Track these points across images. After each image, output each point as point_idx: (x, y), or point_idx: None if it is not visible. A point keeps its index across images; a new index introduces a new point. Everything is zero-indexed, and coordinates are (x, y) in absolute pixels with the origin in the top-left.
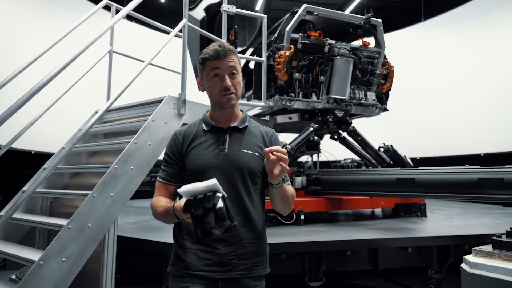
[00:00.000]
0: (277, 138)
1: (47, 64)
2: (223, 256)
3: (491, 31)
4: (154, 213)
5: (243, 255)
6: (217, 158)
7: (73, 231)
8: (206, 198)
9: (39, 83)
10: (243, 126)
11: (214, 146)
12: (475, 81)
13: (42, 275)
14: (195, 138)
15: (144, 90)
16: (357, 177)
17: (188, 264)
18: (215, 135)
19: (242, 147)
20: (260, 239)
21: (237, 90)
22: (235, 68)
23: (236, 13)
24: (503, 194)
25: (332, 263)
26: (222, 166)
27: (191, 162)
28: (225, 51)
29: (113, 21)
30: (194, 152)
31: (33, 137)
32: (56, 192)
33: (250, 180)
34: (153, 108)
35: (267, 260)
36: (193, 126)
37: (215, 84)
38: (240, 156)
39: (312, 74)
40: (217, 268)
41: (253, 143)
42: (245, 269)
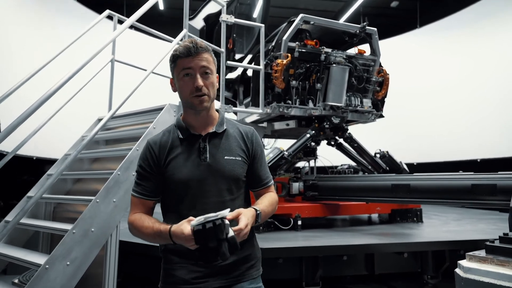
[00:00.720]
0: (257, 138)
1: (49, 72)
2: (213, 266)
3: (486, 37)
4: (136, 232)
5: (234, 263)
6: (199, 169)
7: (77, 235)
8: (217, 227)
9: (47, 93)
10: (221, 130)
11: (194, 156)
12: (471, 87)
13: (48, 278)
14: (172, 148)
15: (146, 98)
16: (353, 183)
17: (178, 279)
18: (193, 143)
19: (224, 153)
20: (250, 243)
21: (210, 91)
22: (208, 68)
23: (234, 23)
24: (496, 200)
25: (329, 268)
26: (206, 177)
27: (172, 176)
28: (196, 48)
29: (116, 33)
30: (174, 164)
31: (34, 144)
32: (61, 197)
33: (235, 187)
34: (154, 115)
35: (259, 261)
36: (167, 134)
37: (185, 84)
38: (223, 164)
39: (308, 81)
40: (208, 279)
41: (234, 147)
42: (239, 275)
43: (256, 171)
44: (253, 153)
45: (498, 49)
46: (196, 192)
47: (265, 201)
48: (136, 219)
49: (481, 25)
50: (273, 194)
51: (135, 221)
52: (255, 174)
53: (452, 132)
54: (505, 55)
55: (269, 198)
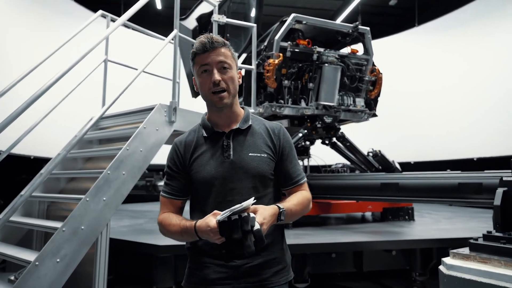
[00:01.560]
0: (285, 134)
1: (44, 71)
2: (238, 268)
3: (484, 36)
4: (165, 231)
5: (259, 265)
6: (223, 167)
7: (67, 233)
8: (243, 219)
9: (38, 92)
10: (245, 127)
11: (218, 154)
12: (469, 85)
13: (38, 274)
14: (197, 147)
15: (142, 97)
16: (343, 182)
17: (202, 279)
18: (218, 141)
19: (248, 150)
20: (277, 247)
21: (230, 86)
22: (226, 62)
23: (226, 23)
24: (482, 199)
25: (318, 265)
26: (230, 175)
27: (196, 175)
28: (212, 43)
29: (108, 32)
30: (198, 163)
31: (32, 143)
32: (52, 196)
33: (261, 185)
34: (145, 115)
35: (289, 267)
36: (193, 133)
37: (204, 80)
38: (247, 161)
39: (301, 81)
40: (232, 281)
41: (259, 143)
42: (264, 279)
43: (285, 168)
44: (280, 149)
45: (496, 47)
46: (220, 190)
47: (293, 199)
48: (164, 218)
49: (478, 24)
50: (305, 193)
51: (163, 220)
52: (285, 171)
53: (449, 131)
54: (502, 53)
55: (299, 196)
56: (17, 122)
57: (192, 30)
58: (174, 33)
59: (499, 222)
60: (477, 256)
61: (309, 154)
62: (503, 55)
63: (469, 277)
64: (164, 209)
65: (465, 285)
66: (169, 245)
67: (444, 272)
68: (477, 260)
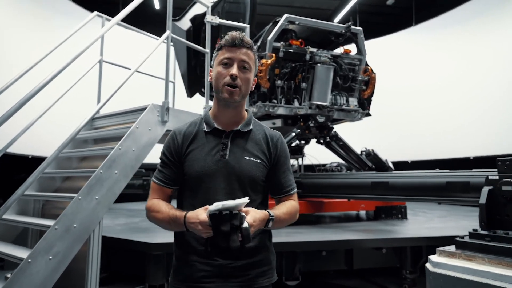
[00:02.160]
0: (283, 143)
1: (41, 70)
2: (222, 267)
3: (482, 35)
4: (151, 217)
5: (244, 266)
6: (217, 165)
7: (59, 231)
8: (233, 215)
9: (31, 91)
10: (246, 130)
11: (214, 151)
12: (466, 85)
13: (31, 271)
14: (195, 139)
15: (138, 97)
16: (335, 181)
17: (187, 276)
18: (217, 138)
19: (245, 153)
20: (262, 248)
21: (243, 86)
22: (248, 63)
23: (220, 23)
24: (469, 197)
25: (309, 263)
26: (222, 174)
27: (190, 168)
28: (242, 40)
29: (102, 32)
30: (193, 156)
31: (30, 143)
32: (45, 195)
33: (251, 189)
34: (138, 115)
35: (272, 269)
36: (194, 125)
37: (222, 72)
38: (241, 164)
39: (294, 81)
40: (216, 279)
41: (256, 149)
42: (247, 280)
43: (278, 177)
44: (276, 158)
45: (493, 47)
46: (209, 187)
47: (282, 208)
48: (154, 204)
49: (475, 23)
50: (294, 203)
51: (152, 206)
52: (277, 180)
53: (446, 130)
54: (500, 53)
55: (288, 206)
56: (15, 122)
57: (186, 31)
58: (166, 34)
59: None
60: (462, 254)
61: (303, 153)
62: (500, 54)
63: (453, 274)
64: (154, 195)
65: (450, 282)
66: (162, 243)
67: (430, 269)
68: (462, 258)
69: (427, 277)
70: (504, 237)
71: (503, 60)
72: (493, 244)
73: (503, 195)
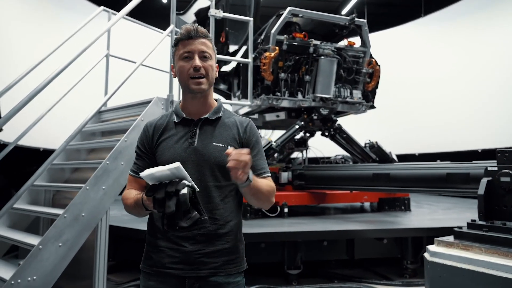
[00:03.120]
0: (252, 128)
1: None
2: (190, 254)
3: (491, 27)
4: (125, 206)
5: (212, 254)
6: (186, 152)
7: (68, 219)
8: (170, 183)
9: (39, 86)
10: (215, 118)
11: (183, 140)
12: (475, 76)
13: (42, 257)
14: (165, 130)
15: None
16: (337, 172)
17: (156, 262)
18: (186, 127)
19: (213, 140)
20: (231, 236)
21: (208, 74)
22: (207, 52)
23: (223, 17)
24: (469, 188)
25: (310, 252)
26: (191, 160)
27: (160, 156)
28: (197, 31)
29: (108, 26)
30: (164, 145)
31: (42, 136)
32: (55, 185)
33: (222, 175)
34: (143, 108)
35: (241, 258)
36: (165, 117)
37: (184, 65)
38: (209, 150)
39: (297, 73)
40: (184, 266)
41: (225, 135)
42: (215, 267)
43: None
44: (246, 142)
45: (503, 38)
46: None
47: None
48: (125, 194)
49: (484, 14)
50: (269, 181)
51: (124, 195)
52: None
53: (455, 122)
54: (510, 43)
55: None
56: (26, 116)
57: None
58: (171, 27)
59: (482, 211)
60: (460, 244)
61: (307, 146)
62: (509, 45)
63: (450, 263)
64: (129, 186)
65: (446, 271)
66: None
67: (427, 259)
68: (459, 247)
69: (425, 266)
70: (501, 227)
71: (510, 51)
72: (489, 234)
73: (501, 186)
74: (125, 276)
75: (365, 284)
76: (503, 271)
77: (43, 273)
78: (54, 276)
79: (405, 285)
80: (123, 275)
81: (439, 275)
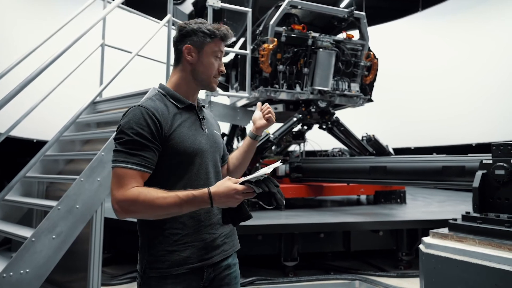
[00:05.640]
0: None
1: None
2: (216, 240)
3: (488, 21)
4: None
5: (229, 233)
6: (204, 139)
7: (62, 211)
8: (268, 179)
9: (31, 75)
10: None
11: (196, 126)
12: (472, 71)
13: (35, 250)
14: (174, 116)
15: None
16: (334, 165)
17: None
18: (190, 113)
19: (213, 127)
20: None
21: None
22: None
23: (221, 7)
24: (465, 181)
25: (307, 244)
26: (208, 148)
27: (180, 144)
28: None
29: (103, 14)
30: (180, 132)
31: (35, 127)
32: (48, 176)
33: (220, 161)
34: (139, 99)
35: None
36: (159, 102)
37: (214, 64)
38: (216, 136)
39: (296, 66)
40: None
41: (214, 122)
42: (233, 245)
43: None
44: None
45: (500, 33)
46: (203, 161)
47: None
48: (143, 192)
49: (482, 8)
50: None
51: (141, 194)
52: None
53: (450, 116)
54: (508, 38)
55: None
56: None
57: (188, 15)
58: (168, 17)
59: (477, 203)
60: (454, 235)
61: (304, 139)
62: (508, 39)
63: (445, 255)
64: (132, 184)
65: (441, 262)
66: None
67: (422, 250)
68: (454, 239)
69: (420, 257)
70: (494, 219)
71: (508, 47)
72: (483, 226)
73: (496, 179)
74: (120, 269)
75: (361, 276)
76: (496, 262)
77: (36, 265)
78: (48, 268)
79: (400, 277)
80: (119, 267)
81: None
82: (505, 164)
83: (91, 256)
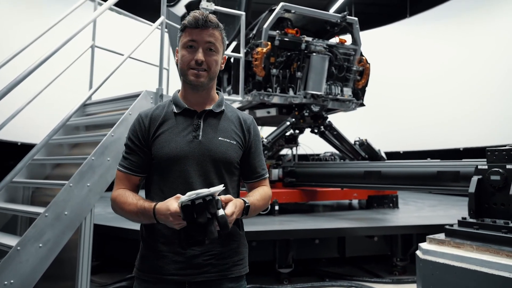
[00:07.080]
0: (255, 127)
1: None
2: (198, 257)
3: (476, 28)
4: (118, 209)
5: (220, 255)
6: (190, 146)
7: (49, 218)
8: (208, 202)
9: (18, 76)
10: (219, 110)
11: (186, 132)
12: (460, 77)
13: (20, 259)
14: (164, 122)
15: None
16: (328, 170)
17: (155, 268)
18: (188, 119)
19: (218, 134)
20: (237, 236)
21: (211, 68)
22: (214, 45)
23: (215, 10)
24: (459, 186)
25: (302, 250)
26: (195, 156)
27: (160, 150)
28: (205, 21)
29: (94, 16)
30: (163, 138)
31: (20, 129)
32: (35, 182)
33: (226, 172)
34: (131, 102)
35: (245, 260)
36: (161, 108)
37: (187, 55)
38: (216, 144)
39: (289, 70)
40: (190, 271)
41: (230, 129)
42: (224, 269)
43: (252, 161)
44: (249, 141)
45: (487, 39)
46: (182, 170)
47: (256, 195)
48: (120, 195)
49: (470, 15)
50: (266, 188)
51: (118, 197)
52: (250, 164)
53: (438, 121)
54: (494, 45)
55: (262, 192)
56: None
57: (181, 17)
58: (161, 19)
59: (473, 209)
60: (451, 241)
61: (297, 143)
62: (495, 46)
63: (442, 261)
64: (119, 185)
65: (439, 269)
66: None
67: (420, 256)
68: (451, 245)
69: (417, 263)
70: (491, 225)
71: (496, 53)
72: (480, 231)
73: (491, 184)
74: (109, 277)
75: (356, 282)
76: (495, 269)
77: (22, 276)
78: (34, 278)
79: (395, 283)
80: (108, 276)
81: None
82: (500, 170)
83: (80, 264)
